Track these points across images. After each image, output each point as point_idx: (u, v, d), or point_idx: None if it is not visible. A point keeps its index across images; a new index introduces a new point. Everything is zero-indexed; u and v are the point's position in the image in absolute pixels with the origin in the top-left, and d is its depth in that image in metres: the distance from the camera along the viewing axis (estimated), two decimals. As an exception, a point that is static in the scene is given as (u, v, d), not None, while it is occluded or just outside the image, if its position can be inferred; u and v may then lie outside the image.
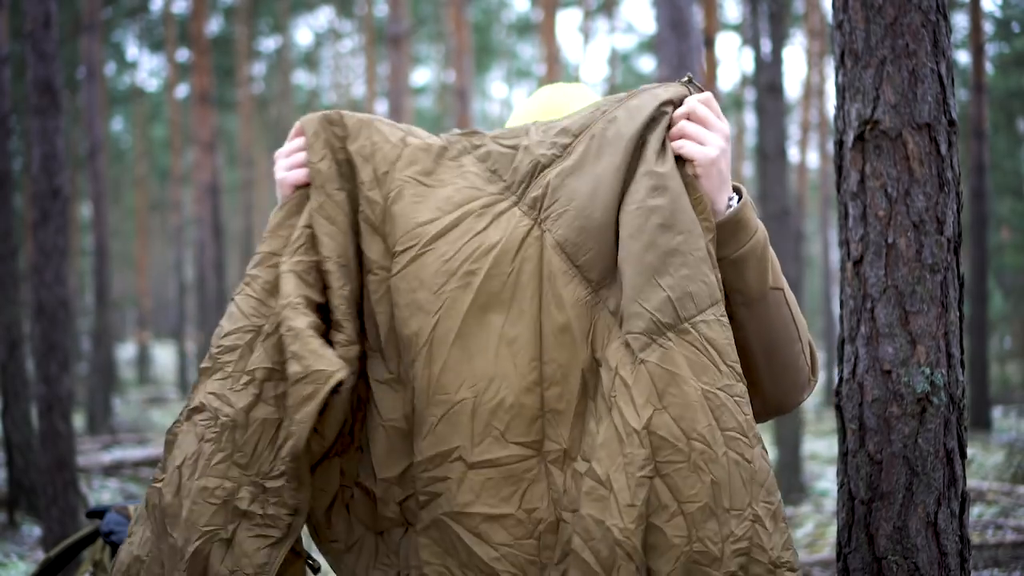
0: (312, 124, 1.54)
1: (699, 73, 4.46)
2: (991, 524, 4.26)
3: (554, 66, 13.88)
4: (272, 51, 24.99)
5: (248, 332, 1.48)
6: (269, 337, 1.47)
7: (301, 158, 1.55)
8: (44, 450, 4.39)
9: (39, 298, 4.47)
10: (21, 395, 5.66)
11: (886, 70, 1.81)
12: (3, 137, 5.68)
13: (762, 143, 8.83)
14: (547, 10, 14.34)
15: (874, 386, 1.84)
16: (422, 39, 25.04)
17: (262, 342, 1.47)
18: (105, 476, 7.45)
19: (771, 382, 1.55)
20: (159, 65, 25.31)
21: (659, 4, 4.53)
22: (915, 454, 1.81)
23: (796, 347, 1.56)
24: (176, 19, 19.54)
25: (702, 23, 8.68)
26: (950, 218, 1.82)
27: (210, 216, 14.56)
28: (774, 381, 1.55)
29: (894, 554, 1.81)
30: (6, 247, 5.65)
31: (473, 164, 1.53)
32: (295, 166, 1.56)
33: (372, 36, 19.15)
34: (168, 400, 17.24)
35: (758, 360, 1.53)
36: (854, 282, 1.88)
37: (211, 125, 14.60)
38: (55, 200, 4.48)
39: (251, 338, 1.48)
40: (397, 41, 10.39)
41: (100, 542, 2.02)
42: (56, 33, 4.56)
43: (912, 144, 1.81)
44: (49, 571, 2.07)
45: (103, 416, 11.92)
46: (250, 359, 1.47)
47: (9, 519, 5.57)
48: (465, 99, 11.05)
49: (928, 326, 1.81)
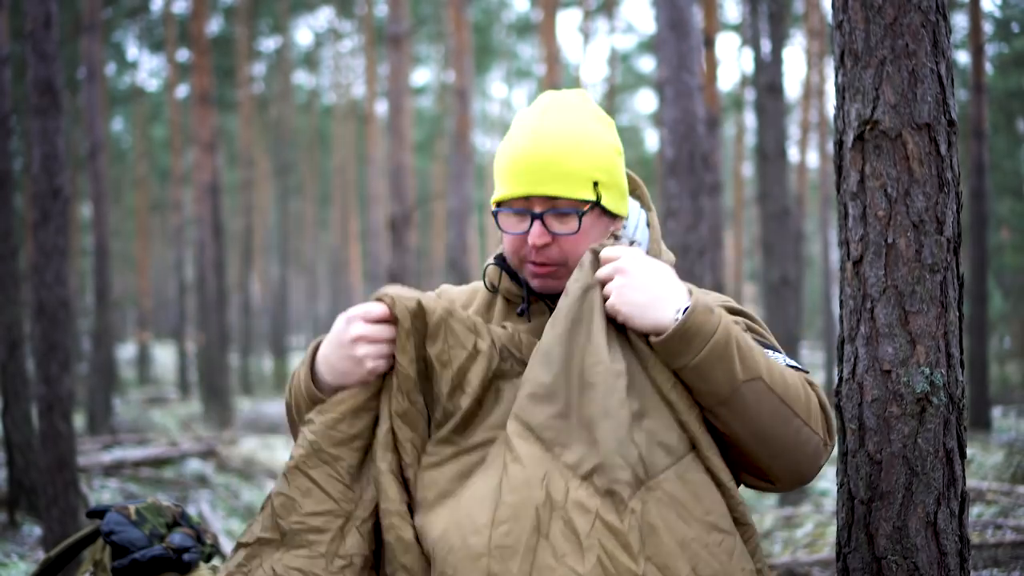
0: (405, 316, 1.56)
1: (699, 73, 4.46)
2: (990, 524, 4.26)
3: (554, 66, 13.88)
4: (272, 51, 25.01)
5: (338, 517, 1.54)
6: (364, 523, 1.54)
7: (387, 350, 1.58)
8: (44, 450, 4.39)
9: (39, 298, 4.47)
10: (21, 395, 5.66)
11: (886, 70, 1.81)
12: (4, 137, 5.68)
13: (762, 143, 8.83)
14: (547, 10, 14.34)
15: (874, 386, 1.84)
16: (422, 39, 25.04)
17: (357, 527, 1.54)
18: (105, 476, 7.46)
19: (776, 463, 1.57)
20: (159, 65, 25.34)
21: (659, 4, 4.53)
22: (915, 454, 1.81)
23: (793, 425, 1.55)
24: (176, 19, 19.54)
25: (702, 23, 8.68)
26: (950, 218, 1.82)
27: (210, 216, 14.56)
28: (778, 461, 1.57)
29: (894, 554, 1.81)
30: (6, 247, 5.65)
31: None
32: (382, 356, 1.58)
33: (372, 36, 19.15)
34: (168, 400, 17.24)
35: (753, 448, 1.55)
36: (854, 282, 1.88)
37: (211, 125, 14.60)
38: (55, 200, 4.49)
39: (342, 523, 1.54)
40: (397, 41, 10.39)
41: (100, 542, 2.02)
42: (56, 33, 4.57)
43: (912, 144, 1.81)
44: (49, 571, 2.07)
45: (103, 416, 11.93)
46: (344, 545, 1.53)
47: (9, 519, 5.57)
48: (465, 99, 11.05)
49: (928, 326, 1.82)
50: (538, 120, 1.75)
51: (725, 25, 19.53)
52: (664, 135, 4.47)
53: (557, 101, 1.79)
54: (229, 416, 13.82)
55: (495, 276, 1.88)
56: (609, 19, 22.16)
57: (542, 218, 1.72)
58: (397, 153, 10.52)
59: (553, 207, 1.72)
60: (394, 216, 10.14)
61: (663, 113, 4.49)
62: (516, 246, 1.77)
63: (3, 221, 5.62)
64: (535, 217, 1.72)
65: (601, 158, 1.74)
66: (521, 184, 1.71)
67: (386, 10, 11.65)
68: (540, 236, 1.72)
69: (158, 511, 1.99)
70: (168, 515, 2.00)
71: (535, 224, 1.72)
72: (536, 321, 1.80)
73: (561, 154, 1.70)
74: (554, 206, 1.72)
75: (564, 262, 1.74)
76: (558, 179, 1.70)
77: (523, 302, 1.82)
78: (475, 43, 20.64)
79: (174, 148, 19.58)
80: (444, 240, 22.56)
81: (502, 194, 1.75)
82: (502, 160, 1.76)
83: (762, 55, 8.84)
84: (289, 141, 24.17)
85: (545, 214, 1.72)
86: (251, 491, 7.92)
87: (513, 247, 1.77)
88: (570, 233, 1.72)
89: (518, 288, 1.84)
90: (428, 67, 28.69)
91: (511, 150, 1.75)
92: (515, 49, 28.56)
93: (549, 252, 1.73)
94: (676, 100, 4.39)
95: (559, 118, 1.75)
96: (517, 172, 1.72)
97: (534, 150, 1.71)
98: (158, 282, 33.20)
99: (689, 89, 4.38)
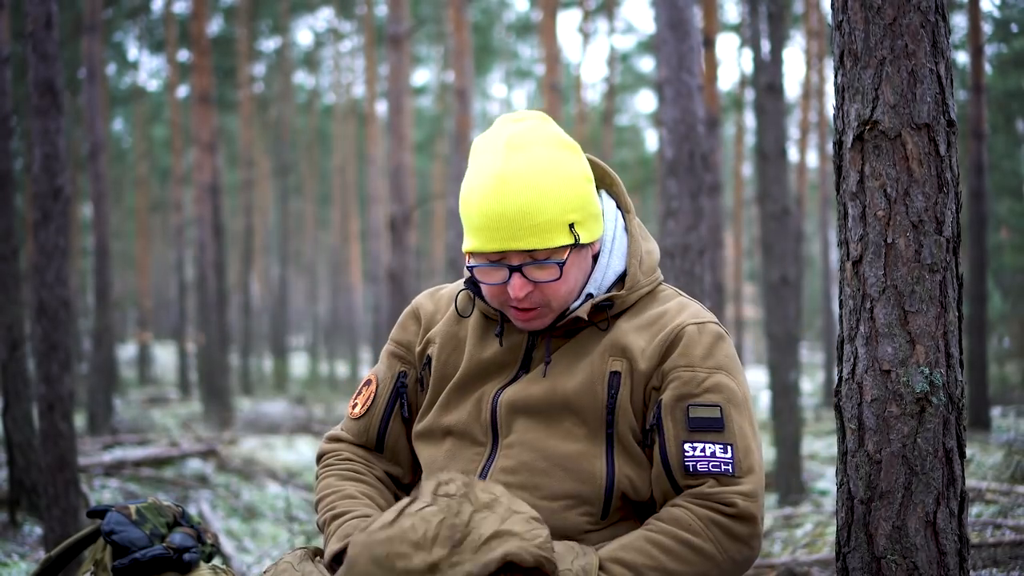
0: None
1: (699, 73, 4.47)
2: (990, 524, 4.26)
3: (554, 66, 13.89)
4: (272, 51, 25.01)
5: None
6: None
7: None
8: (45, 450, 4.39)
9: (40, 298, 4.47)
10: (22, 395, 5.66)
11: (885, 70, 1.82)
12: (4, 137, 5.68)
13: (762, 143, 8.83)
14: (547, 10, 14.35)
15: (873, 386, 1.85)
16: (422, 39, 25.03)
17: None
18: (106, 476, 7.45)
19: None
20: (160, 65, 25.35)
21: (659, 4, 4.53)
22: (914, 454, 1.81)
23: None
24: (177, 20, 19.54)
25: (702, 23, 8.69)
26: (949, 218, 1.82)
27: (210, 216, 14.56)
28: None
29: (893, 553, 1.81)
30: (7, 247, 5.65)
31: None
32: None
33: (372, 36, 19.14)
34: (168, 400, 17.24)
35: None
36: (853, 282, 1.88)
37: (211, 125, 14.61)
38: (56, 200, 4.49)
39: None
40: (397, 41, 10.40)
41: (101, 542, 2.02)
42: (57, 34, 4.57)
43: (911, 144, 1.81)
44: (50, 571, 2.07)
45: (104, 416, 11.92)
46: None
47: (10, 518, 5.58)
48: (465, 99, 11.06)
49: (927, 326, 1.82)
50: (502, 164, 1.66)
51: (725, 25, 19.53)
52: (664, 135, 4.47)
53: (517, 138, 1.69)
54: (229, 416, 13.82)
55: (467, 302, 1.86)
56: (609, 19, 22.16)
57: (520, 269, 1.67)
58: (397, 153, 10.53)
59: (531, 258, 1.67)
60: (394, 216, 10.15)
61: (663, 113, 4.50)
62: (496, 293, 1.73)
63: (4, 221, 5.62)
64: (513, 269, 1.68)
65: (574, 197, 1.68)
66: (494, 240, 1.65)
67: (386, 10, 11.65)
68: (522, 288, 1.68)
69: (158, 511, 1.99)
70: (168, 515, 2.00)
71: (514, 276, 1.68)
72: (508, 342, 1.79)
73: (533, 205, 1.63)
74: (532, 257, 1.67)
75: (547, 303, 1.72)
76: (533, 232, 1.64)
77: (499, 325, 1.81)
78: (475, 43, 20.64)
79: (174, 148, 19.58)
80: (444, 240, 22.55)
81: (473, 246, 1.69)
82: (469, 210, 1.68)
83: (762, 55, 8.84)
84: (289, 141, 24.17)
85: (524, 266, 1.67)
86: (251, 491, 7.92)
87: (492, 294, 1.74)
88: (552, 280, 1.69)
89: (494, 309, 1.81)
90: (428, 67, 28.68)
91: (478, 201, 1.66)
92: (515, 49, 28.54)
93: (531, 297, 1.70)
94: (676, 100, 4.39)
95: (524, 160, 1.66)
96: (488, 227, 1.65)
97: (502, 203, 1.64)
98: (158, 282, 33.20)
99: (689, 89, 4.38)
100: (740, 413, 1.69)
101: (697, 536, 1.61)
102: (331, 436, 1.99)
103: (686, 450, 1.66)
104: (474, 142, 1.77)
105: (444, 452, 1.82)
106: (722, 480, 1.64)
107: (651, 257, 1.85)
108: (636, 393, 1.72)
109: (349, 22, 24.85)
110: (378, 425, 1.92)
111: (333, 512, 1.78)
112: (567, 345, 1.78)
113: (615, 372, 1.72)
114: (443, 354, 1.87)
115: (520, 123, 1.73)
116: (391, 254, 10.24)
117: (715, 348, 1.72)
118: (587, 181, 1.74)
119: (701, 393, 1.68)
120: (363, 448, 1.95)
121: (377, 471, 1.92)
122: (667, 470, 1.68)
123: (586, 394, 1.72)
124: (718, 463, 1.65)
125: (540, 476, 1.71)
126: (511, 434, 1.75)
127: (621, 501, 1.72)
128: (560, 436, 1.73)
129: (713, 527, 1.62)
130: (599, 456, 1.71)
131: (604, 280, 1.80)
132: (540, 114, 1.78)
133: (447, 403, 1.84)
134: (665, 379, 1.70)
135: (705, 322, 1.75)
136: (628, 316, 1.78)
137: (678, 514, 1.63)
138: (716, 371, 1.70)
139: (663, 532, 1.62)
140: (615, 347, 1.74)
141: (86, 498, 5.89)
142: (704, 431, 1.66)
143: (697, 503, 1.64)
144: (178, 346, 19.82)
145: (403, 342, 1.95)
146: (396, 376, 1.93)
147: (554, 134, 1.73)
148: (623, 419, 1.71)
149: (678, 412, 1.68)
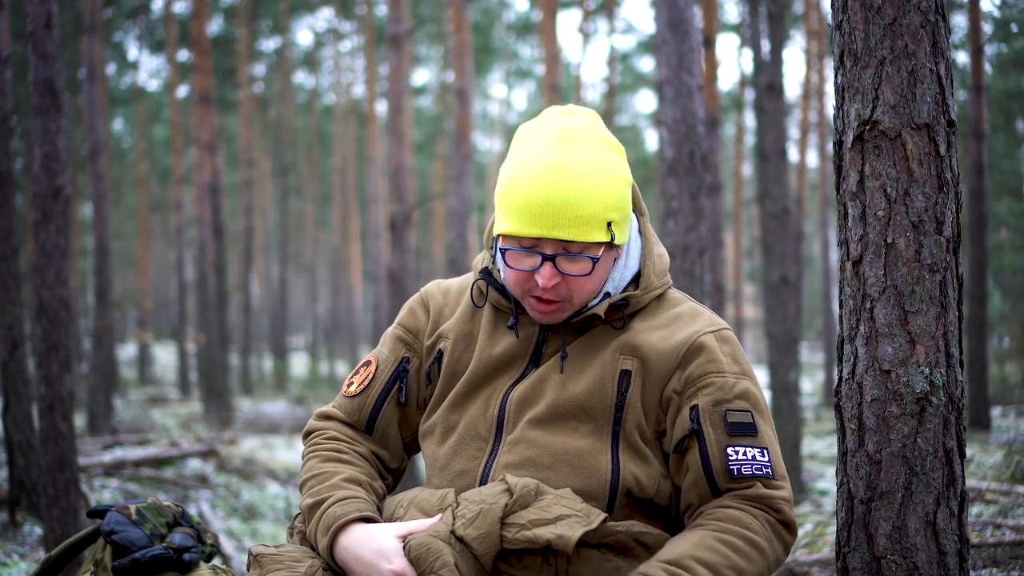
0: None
1: (699, 73, 4.46)
2: (990, 523, 4.26)
3: (554, 66, 13.88)
4: (272, 51, 25.01)
5: None
6: None
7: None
8: (45, 450, 4.39)
9: (40, 298, 4.47)
10: (22, 395, 5.66)
11: (885, 70, 1.82)
12: (5, 137, 5.68)
13: (761, 143, 8.83)
14: (547, 10, 14.34)
15: (873, 386, 1.85)
16: (422, 39, 25.04)
17: None
18: (106, 476, 7.46)
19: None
20: (160, 66, 25.35)
21: (659, 4, 4.53)
22: (914, 454, 1.81)
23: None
24: (177, 20, 19.53)
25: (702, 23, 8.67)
26: (949, 218, 1.82)
27: (210, 216, 14.56)
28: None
29: (893, 553, 1.81)
30: (7, 247, 5.65)
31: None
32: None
33: (372, 36, 19.14)
34: (168, 400, 17.24)
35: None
36: (853, 282, 1.88)
37: (211, 125, 14.60)
38: (56, 200, 4.49)
39: None
40: (397, 41, 10.39)
41: (101, 541, 2.02)
42: (57, 34, 4.57)
43: (911, 144, 1.81)
44: (50, 570, 2.07)
45: (104, 416, 11.92)
46: None
47: (10, 518, 5.58)
48: (465, 99, 11.05)
49: (927, 326, 1.82)
50: (555, 154, 1.68)
51: (725, 25, 19.53)
52: (664, 135, 4.47)
53: (571, 131, 1.72)
54: (229, 416, 13.82)
55: (480, 294, 1.87)
56: (609, 19, 22.15)
57: (553, 259, 1.69)
58: (397, 153, 10.52)
59: (565, 250, 1.69)
60: (394, 216, 10.15)
61: (663, 113, 4.49)
62: (521, 280, 1.74)
63: (4, 221, 5.62)
64: (546, 258, 1.69)
65: (616, 197, 1.71)
66: (534, 225, 1.67)
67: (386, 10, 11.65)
68: (551, 278, 1.69)
69: (158, 511, 1.99)
70: (168, 515, 2.00)
71: (546, 265, 1.69)
72: (521, 334, 1.80)
73: (579, 197, 1.65)
74: (566, 249, 1.69)
75: (570, 298, 1.73)
76: (574, 223, 1.66)
77: (512, 316, 1.82)
78: (475, 43, 20.65)
79: (174, 148, 19.57)
80: (444, 240, 22.56)
81: (510, 229, 1.70)
82: (512, 194, 1.69)
83: (762, 55, 8.84)
84: (289, 141, 24.16)
85: (557, 256, 1.69)
86: (251, 491, 7.92)
87: (517, 280, 1.75)
88: (582, 275, 1.70)
89: (507, 301, 1.83)
90: (428, 67, 28.69)
91: (527, 186, 1.67)
92: (515, 49, 28.55)
93: (557, 289, 1.71)
94: (676, 100, 4.39)
95: (577, 154, 1.69)
96: (531, 212, 1.66)
97: (551, 190, 1.65)
98: (158, 282, 33.21)
99: (689, 89, 4.38)
100: (764, 419, 1.76)
101: (759, 536, 1.64)
102: (321, 413, 1.97)
103: (729, 454, 1.70)
104: (520, 129, 1.79)
105: (447, 448, 1.83)
106: (767, 483, 1.69)
107: (662, 260, 1.87)
108: (648, 392, 1.74)
109: (349, 22, 24.84)
110: (372, 406, 1.91)
111: (314, 500, 1.78)
112: (579, 341, 1.80)
113: (626, 370, 1.74)
114: (456, 351, 1.87)
115: (573, 117, 1.76)
116: (391, 254, 10.23)
117: (738, 355, 1.78)
118: (628, 185, 1.77)
119: (734, 399, 1.72)
120: (351, 428, 1.93)
121: (361, 448, 1.90)
122: (708, 474, 1.70)
123: (596, 391, 1.74)
124: (760, 466, 1.70)
125: (545, 471, 1.72)
126: (515, 431, 1.77)
127: (626, 498, 1.73)
128: (566, 432, 1.74)
129: (768, 528, 1.66)
130: (604, 452, 1.72)
131: (622, 280, 1.82)
132: (591, 111, 1.80)
133: (456, 401, 1.85)
134: (693, 384, 1.73)
135: (721, 328, 1.79)
136: (641, 317, 1.81)
137: (737, 515, 1.66)
138: (743, 377, 1.75)
139: (730, 532, 1.64)
140: (627, 346, 1.76)
141: (86, 498, 5.89)
142: (742, 435, 1.71)
143: (752, 505, 1.68)
144: (178, 346, 19.81)
145: (411, 328, 1.95)
146: (399, 360, 1.92)
147: (605, 134, 1.77)
148: (631, 417, 1.73)
149: (716, 417, 1.71)
